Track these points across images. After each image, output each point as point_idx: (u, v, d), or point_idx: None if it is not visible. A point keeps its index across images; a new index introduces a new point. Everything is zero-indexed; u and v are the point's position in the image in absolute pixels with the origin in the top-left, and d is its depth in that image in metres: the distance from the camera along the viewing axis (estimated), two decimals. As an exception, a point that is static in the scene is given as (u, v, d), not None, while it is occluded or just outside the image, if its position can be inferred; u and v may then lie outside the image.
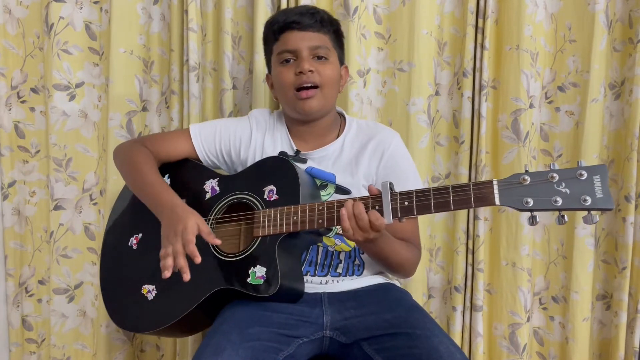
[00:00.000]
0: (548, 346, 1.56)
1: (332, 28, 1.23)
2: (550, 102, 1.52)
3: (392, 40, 1.54)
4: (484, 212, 1.51)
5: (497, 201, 0.89)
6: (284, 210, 1.07)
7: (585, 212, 0.86)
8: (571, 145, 1.49)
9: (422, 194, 0.96)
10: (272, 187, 1.12)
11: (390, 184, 0.99)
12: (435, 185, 1.56)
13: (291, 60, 1.19)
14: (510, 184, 0.89)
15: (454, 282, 1.52)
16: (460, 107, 1.50)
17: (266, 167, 1.16)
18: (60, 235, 1.65)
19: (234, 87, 1.59)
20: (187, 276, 1.03)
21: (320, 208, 1.04)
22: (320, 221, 1.04)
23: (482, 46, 1.46)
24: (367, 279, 1.22)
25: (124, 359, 1.68)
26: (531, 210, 0.88)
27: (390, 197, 0.98)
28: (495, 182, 0.90)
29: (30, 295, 1.71)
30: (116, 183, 1.56)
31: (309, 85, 1.17)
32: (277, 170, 1.14)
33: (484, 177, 1.49)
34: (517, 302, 1.50)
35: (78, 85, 1.63)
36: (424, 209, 0.95)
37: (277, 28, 1.21)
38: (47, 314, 1.70)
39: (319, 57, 1.19)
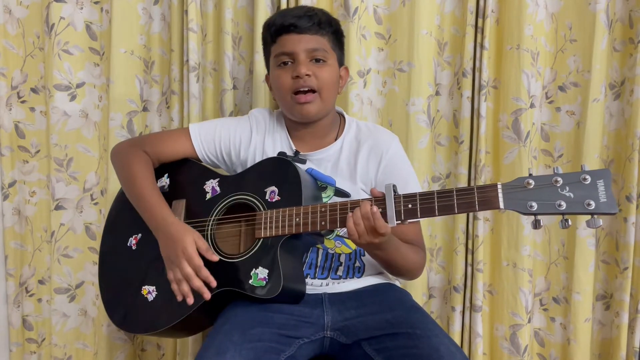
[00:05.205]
0: (549, 347, 1.56)
1: (330, 29, 1.21)
2: (551, 102, 1.51)
3: (392, 40, 1.54)
4: (484, 212, 1.50)
5: (501, 204, 0.89)
6: (286, 212, 1.07)
7: (589, 216, 0.85)
8: (572, 145, 1.49)
9: (425, 196, 0.95)
10: (273, 188, 1.12)
11: (394, 186, 0.98)
12: (436, 184, 1.56)
13: (289, 63, 1.18)
14: (515, 187, 0.89)
15: (453, 282, 1.52)
16: (460, 107, 1.50)
17: (268, 168, 1.16)
18: (61, 235, 1.65)
19: (235, 87, 1.59)
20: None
21: (323, 210, 1.04)
22: (323, 223, 1.03)
23: (482, 46, 1.46)
24: (368, 280, 1.22)
25: (125, 358, 1.68)
26: (535, 214, 0.88)
27: (394, 199, 0.97)
28: (499, 186, 0.90)
29: (31, 295, 1.71)
30: (117, 183, 1.55)
31: (307, 89, 1.16)
32: (279, 171, 1.13)
33: (483, 177, 1.49)
34: (517, 302, 1.49)
35: (79, 86, 1.63)
36: (428, 212, 0.95)
37: (274, 30, 1.19)
38: (47, 313, 1.70)
39: (317, 60, 1.18)
